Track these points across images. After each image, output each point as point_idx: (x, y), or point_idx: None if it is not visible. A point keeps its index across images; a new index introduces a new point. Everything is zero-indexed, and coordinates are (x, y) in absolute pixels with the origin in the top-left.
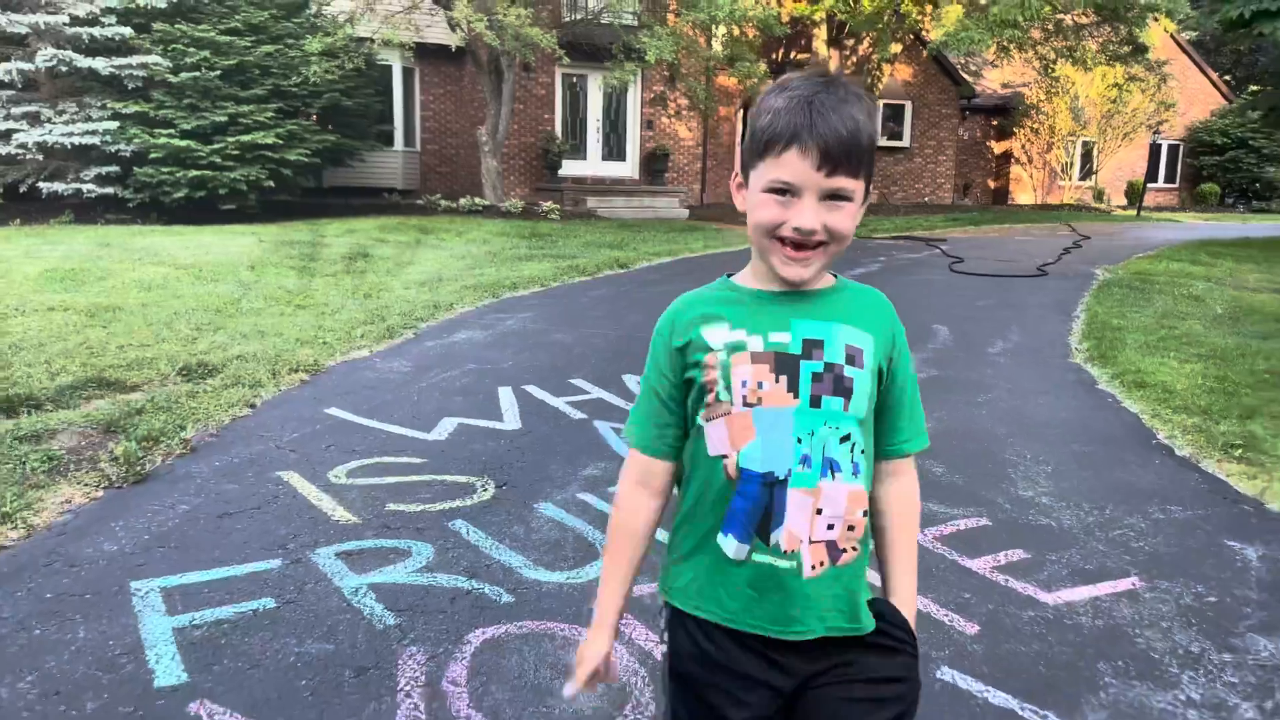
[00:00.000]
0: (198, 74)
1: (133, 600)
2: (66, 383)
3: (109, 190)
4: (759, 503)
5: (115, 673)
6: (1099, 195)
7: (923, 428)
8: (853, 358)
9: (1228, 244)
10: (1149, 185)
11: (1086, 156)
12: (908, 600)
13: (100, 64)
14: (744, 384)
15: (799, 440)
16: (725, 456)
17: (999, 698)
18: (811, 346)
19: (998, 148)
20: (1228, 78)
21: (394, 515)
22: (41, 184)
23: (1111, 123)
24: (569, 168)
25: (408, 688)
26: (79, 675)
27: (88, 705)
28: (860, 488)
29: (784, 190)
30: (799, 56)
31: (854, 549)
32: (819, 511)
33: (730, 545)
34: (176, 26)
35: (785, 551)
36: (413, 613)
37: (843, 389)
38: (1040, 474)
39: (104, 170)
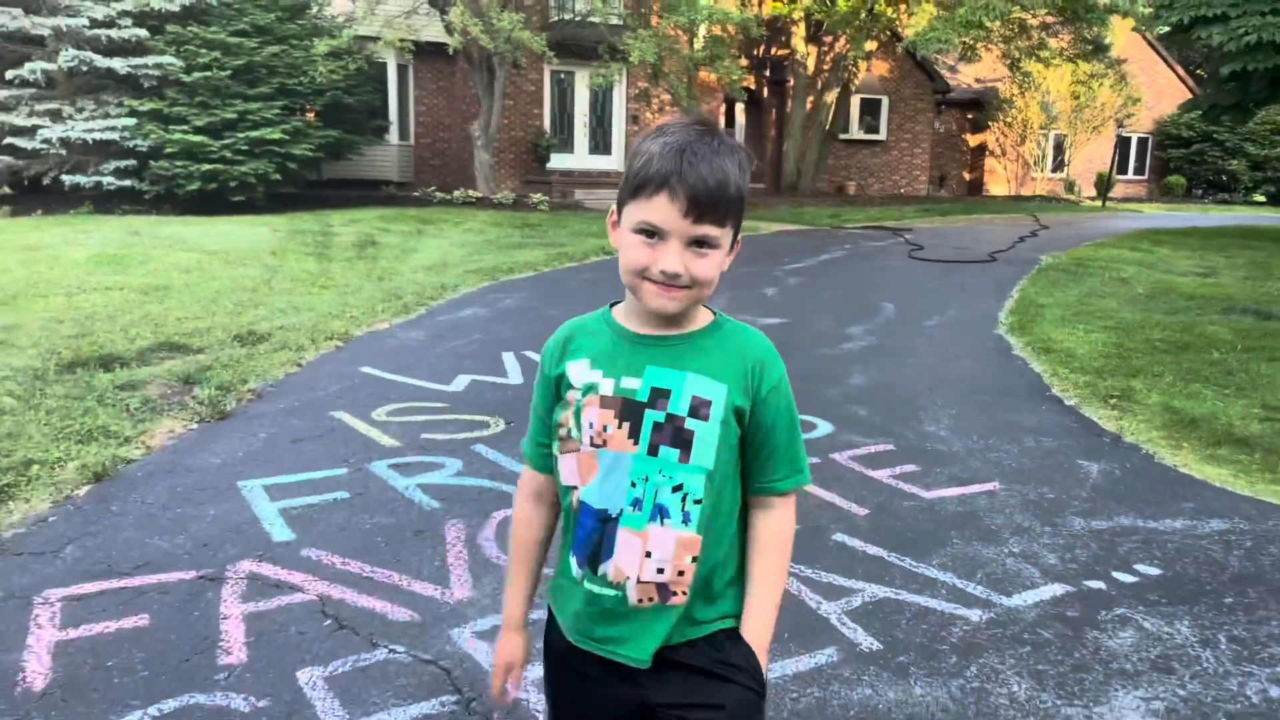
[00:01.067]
0: (209, 73)
1: (242, 492)
2: (143, 346)
3: (127, 183)
4: (594, 535)
5: (243, 534)
6: (1070, 187)
7: (801, 466)
8: (697, 409)
9: (1174, 233)
10: (1119, 177)
11: (1059, 149)
12: (755, 630)
13: (118, 64)
14: (590, 425)
15: (633, 484)
16: (574, 488)
17: (874, 550)
18: (658, 395)
19: (973, 140)
20: (1201, 71)
21: (428, 441)
22: (64, 177)
23: (1081, 116)
24: (557, 161)
25: (453, 541)
26: (218, 535)
27: (230, 551)
28: (691, 535)
29: (651, 232)
30: (779, 53)
31: (684, 593)
32: (648, 555)
33: (574, 566)
34: (188, 28)
35: (612, 583)
36: (451, 500)
37: (681, 440)
38: (944, 415)
39: (122, 164)
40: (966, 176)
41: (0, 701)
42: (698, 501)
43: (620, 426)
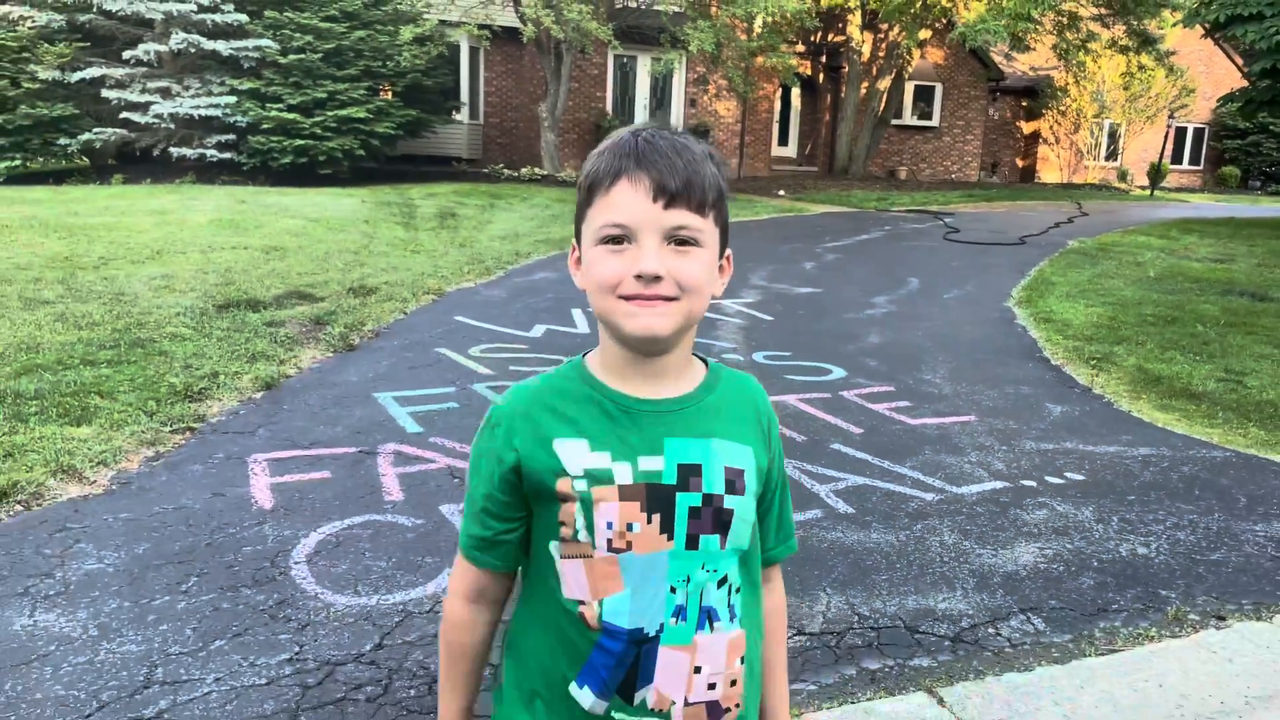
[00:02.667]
0: (302, 56)
1: (378, 400)
2: (276, 294)
3: (227, 155)
4: (624, 660)
5: (384, 426)
6: (1123, 175)
7: (791, 530)
8: (733, 483)
9: (1208, 222)
10: (1174, 167)
11: (1112, 138)
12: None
13: (221, 46)
14: (609, 525)
15: (673, 590)
16: (583, 603)
17: (862, 455)
18: (689, 474)
19: (1026, 128)
20: None
21: (516, 371)
22: (172, 149)
23: (1135, 106)
24: None
25: None
26: (366, 426)
27: (377, 436)
28: (739, 633)
29: (620, 237)
30: (835, 39)
31: (737, 705)
32: (697, 670)
33: (586, 698)
34: (284, 14)
35: (652, 710)
36: None
37: (721, 523)
38: (942, 368)
39: (223, 138)
40: (1020, 163)
41: (245, 513)
42: (738, 590)
43: (650, 521)
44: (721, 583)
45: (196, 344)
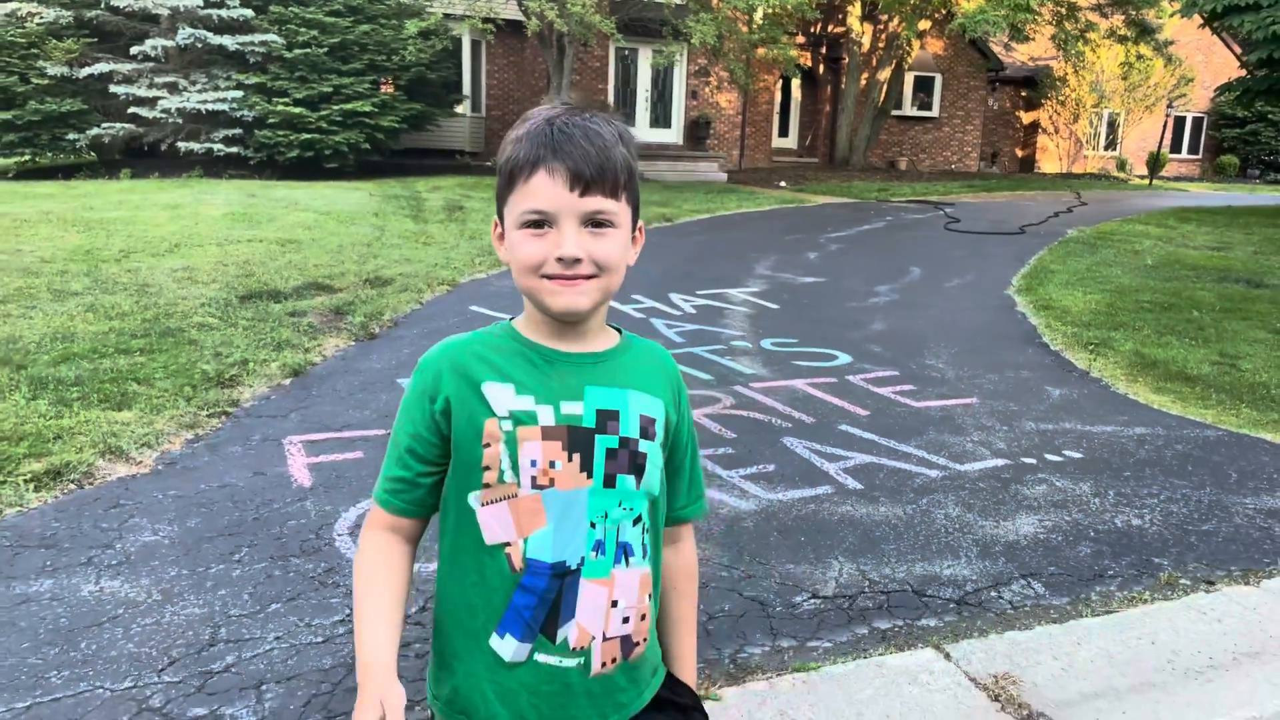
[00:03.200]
0: (307, 50)
1: (402, 385)
2: (295, 285)
3: (234, 149)
4: (546, 597)
5: None
6: (1122, 165)
7: (701, 491)
8: (645, 429)
9: (1206, 211)
10: (1173, 156)
11: (1111, 127)
12: (691, 673)
13: (228, 41)
14: (533, 463)
15: (592, 525)
16: (508, 545)
17: (869, 435)
18: (606, 418)
19: (1026, 118)
20: None
21: None
22: (179, 143)
23: (1134, 95)
24: None
25: None
26: (393, 409)
27: None
28: (648, 570)
29: (540, 221)
30: (835, 30)
31: (644, 640)
32: (615, 604)
33: (508, 647)
34: (289, 9)
35: (574, 649)
36: None
37: (636, 465)
38: (945, 353)
39: (230, 132)
40: (1019, 153)
41: (286, 490)
42: (648, 530)
43: (570, 460)
44: (636, 521)
45: (224, 333)
